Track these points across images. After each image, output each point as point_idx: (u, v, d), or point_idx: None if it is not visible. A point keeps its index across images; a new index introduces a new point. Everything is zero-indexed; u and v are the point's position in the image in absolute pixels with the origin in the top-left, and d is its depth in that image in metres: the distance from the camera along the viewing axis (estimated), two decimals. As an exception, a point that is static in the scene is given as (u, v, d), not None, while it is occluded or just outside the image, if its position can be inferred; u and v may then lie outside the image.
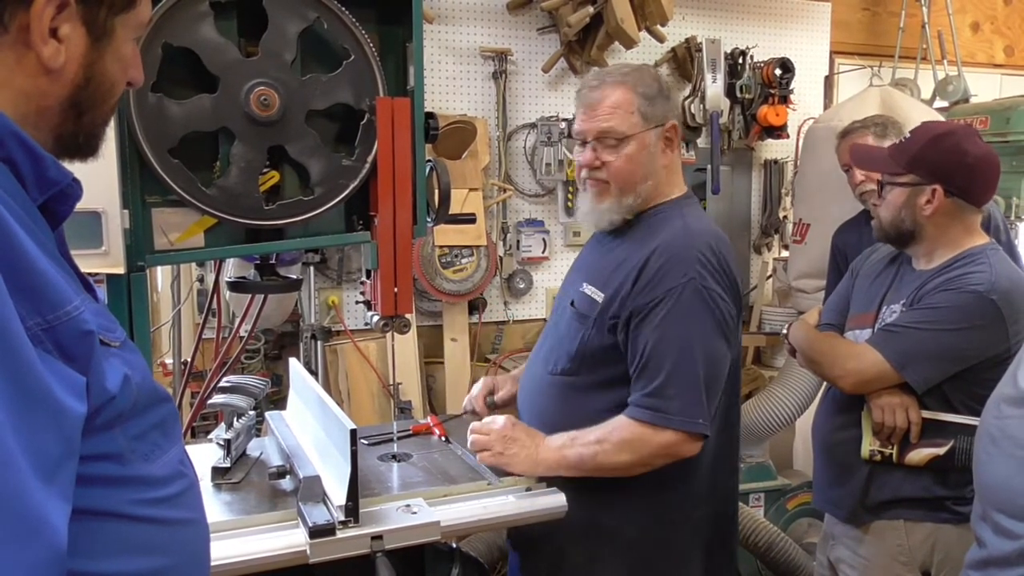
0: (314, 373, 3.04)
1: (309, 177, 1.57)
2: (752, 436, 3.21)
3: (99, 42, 0.83)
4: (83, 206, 0.92)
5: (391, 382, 3.07)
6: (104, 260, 1.43)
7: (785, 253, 3.80)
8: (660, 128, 1.77)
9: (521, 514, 1.62)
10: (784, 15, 3.82)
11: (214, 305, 2.31)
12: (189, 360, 2.57)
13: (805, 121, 3.67)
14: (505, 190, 3.41)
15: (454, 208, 1.72)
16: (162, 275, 2.96)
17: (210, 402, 1.85)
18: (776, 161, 3.85)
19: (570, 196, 3.41)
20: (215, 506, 1.53)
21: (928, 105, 3.60)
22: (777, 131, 3.66)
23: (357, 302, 2.47)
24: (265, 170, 1.55)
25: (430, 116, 1.63)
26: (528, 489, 1.66)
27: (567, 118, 3.35)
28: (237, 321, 2.51)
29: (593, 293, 1.76)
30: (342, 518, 1.41)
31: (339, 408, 1.58)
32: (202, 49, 1.46)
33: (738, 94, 3.61)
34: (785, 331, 2.23)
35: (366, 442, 1.87)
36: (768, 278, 3.88)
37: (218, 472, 1.65)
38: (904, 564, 1.96)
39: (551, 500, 1.63)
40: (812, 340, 2.12)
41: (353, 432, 1.42)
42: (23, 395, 0.67)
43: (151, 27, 1.40)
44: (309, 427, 1.78)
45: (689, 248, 1.69)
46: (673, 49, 3.61)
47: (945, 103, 3.76)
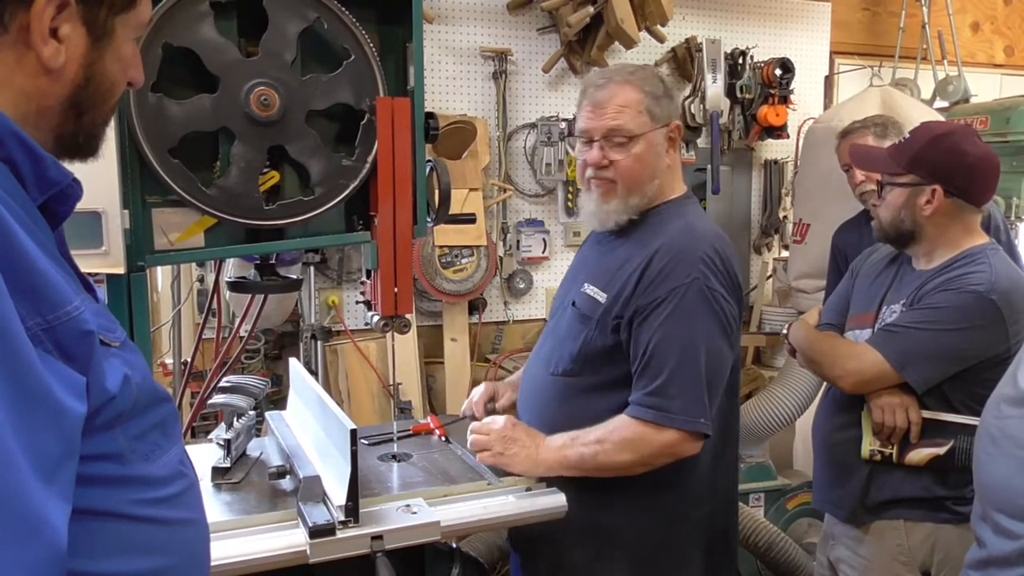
0: (314, 373, 3.04)
1: (309, 177, 1.57)
2: (752, 436, 3.21)
3: (99, 42, 0.84)
4: (83, 206, 0.92)
5: (391, 382, 3.07)
6: (104, 260, 1.43)
7: (785, 253, 3.80)
8: (665, 128, 1.77)
9: (521, 514, 1.62)
10: (784, 15, 3.82)
11: (214, 305, 2.31)
12: (189, 360, 2.57)
13: (805, 121, 3.67)
14: (505, 190, 3.41)
15: (454, 208, 1.71)
16: (162, 275, 2.96)
17: (210, 402, 1.85)
18: (776, 161, 3.85)
19: (570, 196, 3.41)
20: (215, 506, 1.53)
21: (928, 105, 3.60)
22: (777, 131, 3.66)
23: (357, 302, 2.47)
24: (265, 170, 1.55)
25: (430, 116, 1.63)
26: (528, 489, 1.66)
27: (567, 118, 3.34)
28: (237, 321, 2.51)
29: (595, 293, 1.76)
30: (342, 518, 1.41)
31: (339, 408, 1.58)
32: (202, 49, 1.46)
33: (738, 94, 3.61)
34: (785, 331, 2.23)
35: (366, 442, 1.87)
36: (768, 278, 3.87)
37: (218, 472, 1.65)
38: (904, 564, 1.96)
39: (551, 500, 1.64)
40: (812, 340, 2.12)
41: (353, 432, 1.42)
42: (23, 395, 0.68)
43: (151, 27, 1.40)
44: (309, 427, 1.78)
45: (693, 248, 1.69)
46: (673, 49, 3.60)
47: (945, 103, 3.76)
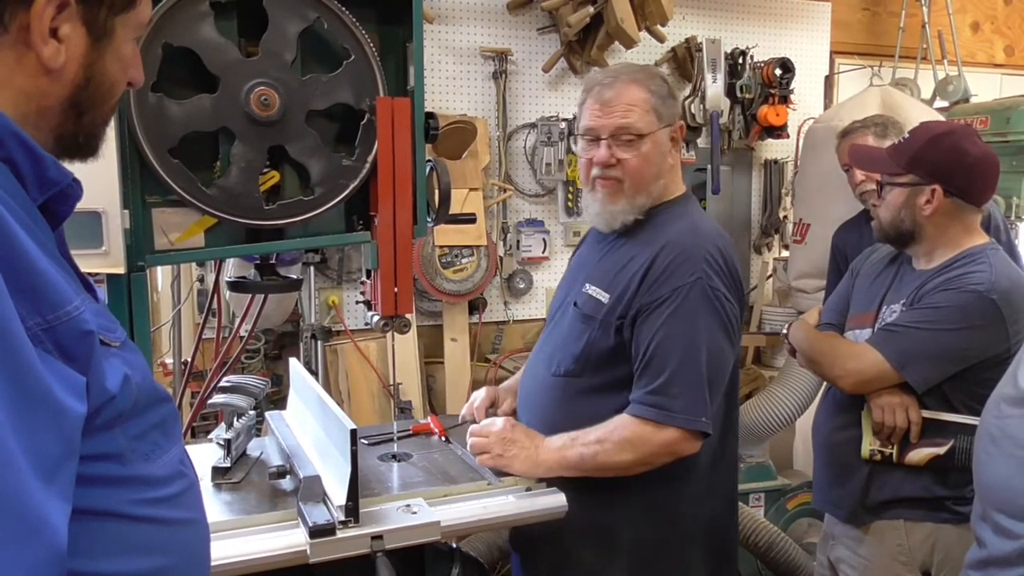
0: (314, 373, 3.04)
1: (309, 177, 1.57)
2: (752, 436, 3.21)
3: (99, 42, 0.84)
4: (83, 206, 0.92)
5: (391, 382, 3.07)
6: (104, 260, 1.43)
7: (785, 253, 3.80)
8: (669, 128, 1.78)
9: (521, 514, 1.62)
10: (784, 15, 3.82)
11: (214, 305, 2.31)
12: (189, 360, 2.57)
13: (805, 121, 3.67)
14: (505, 190, 3.40)
15: (454, 208, 1.71)
16: (162, 275, 2.96)
17: (210, 402, 1.86)
18: (776, 161, 3.85)
19: (570, 196, 3.41)
20: (215, 506, 1.53)
21: (928, 105, 3.60)
22: (777, 131, 3.66)
23: (357, 302, 2.47)
24: (265, 170, 1.55)
25: (430, 116, 1.62)
26: (528, 489, 1.66)
27: (567, 118, 3.34)
28: (237, 321, 2.51)
29: (597, 294, 1.76)
30: (342, 518, 1.41)
31: (339, 408, 1.58)
32: (202, 49, 1.46)
33: (738, 94, 3.60)
34: (785, 331, 2.23)
35: (366, 442, 1.87)
36: (768, 278, 3.87)
37: (218, 472, 1.65)
38: (904, 564, 1.96)
39: (551, 500, 1.64)
40: (812, 340, 2.12)
41: (353, 432, 1.42)
42: (23, 395, 0.68)
43: (151, 27, 1.40)
44: (309, 427, 1.78)
45: (697, 248, 1.69)
46: (673, 49, 3.60)
47: (945, 103, 3.76)
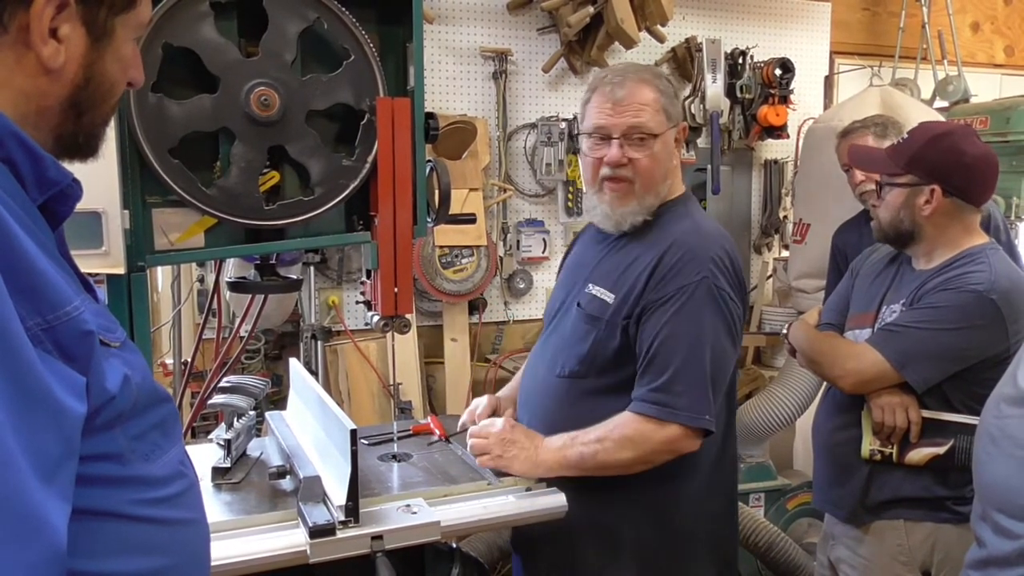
0: (314, 373, 3.04)
1: (309, 177, 1.57)
2: (752, 436, 3.21)
3: (99, 42, 0.84)
4: (83, 206, 0.92)
5: (391, 382, 3.07)
6: (104, 260, 1.43)
7: (785, 253, 3.80)
8: (675, 128, 1.78)
9: (521, 514, 1.62)
10: (784, 15, 3.82)
11: (214, 305, 2.31)
12: (189, 360, 2.57)
13: (805, 121, 3.67)
14: (505, 190, 3.41)
15: (454, 208, 1.71)
16: (162, 275, 2.96)
17: (210, 402, 1.86)
18: (776, 161, 3.85)
19: (570, 196, 3.40)
20: (215, 506, 1.53)
21: (928, 105, 3.60)
22: (777, 131, 3.66)
23: (357, 302, 2.47)
24: (265, 170, 1.55)
25: (430, 116, 1.62)
26: (528, 489, 1.66)
27: (567, 118, 3.35)
28: (237, 321, 2.51)
29: (601, 294, 1.75)
30: (342, 518, 1.41)
31: (339, 408, 1.58)
32: (202, 49, 1.46)
33: (738, 94, 3.61)
34: (785, 331, 2.23)
35: (366, 442, 1.87)
36: (768, 278, 3.87)
37: (218, 472, 1.65)
38: (904, 564, 1.96)
39: (551, 500, 1.64)
40: (812, 340, 2.12)
41: (353, 432, 1.42)
42: (23, 395, 0.68)
43: (151, 27, 1.40)
44: (309, 427, 1.78)
45: (704, 247, 1.69)
46: (673, 49, 3.61)
47: (945, 103, 3.76)
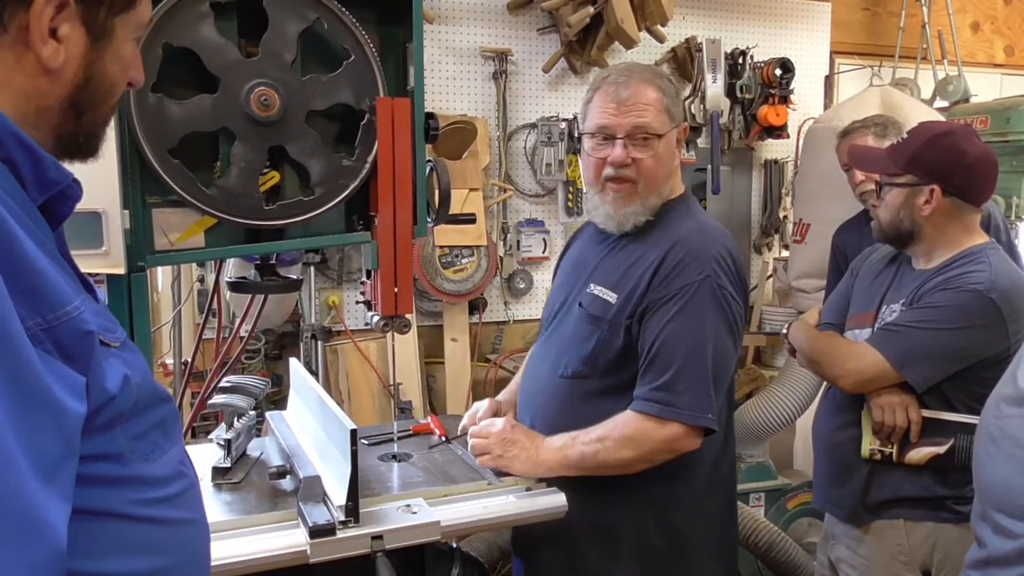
0: (314, 373, 3.04)
1: (309, 177, 1.56)
2: (752, 436, 3.21)
3: (99, 42, 0.84)
4: (83, 206, 0.92)
5: (391, 382, 3.07)
6: (104, 260, 1.43)
7: (785, 253, 3.80)
8: (677, 128, 1.79)
9: (521, 514, 1.62)
10: (784, 15, 3.82)
11: (214, 305, 2.31)
12: (189, 360, 2.57)
13: (805, 121, 3.67)
14: (505, 190, 3.41)
15: (454, 208, 1.71)
16: (162, 275, 2.96)
17: (210, 402, 1.85)
18: (776, 161, 3.85)
19: (570, 196, 3.40)
20: (215, 506, 1.53)
21: (928, 105, 3.60)
22: (777, 131, 3.66)
23: (357, 302, 2.47)
24: (265, 170, 1.55)
25: (430, 116, 1.62)
26: (528, 489, 1.66)
27: (567, 118, 3.35)
28: (237, 321, 2.51)
29: (603, 294, 1.75)
30: (342, 518, 1.41)
31: (339, 408, 1.58)
32: (202, 49, 1.46)
33: (738, 94, 3.60)
34: (785, 331, 2.23)
35: (366, 442, 1.87)
36: (768, 278, 3.87)
37: (218, 472, 1.65)
38: (904, 564, 1.96)
39: (551, 500, 1.64)
40: (812, 340, 2.12)
41: (353, 432, 1.42)
42: (23, 395, 0.68)
43: (151, 27, 1.40)
44: (309, 427, 1.78)
45: (707, 246, 1.69)
46: (673, 49, 3.61)
47: (945, 103, 3.76)
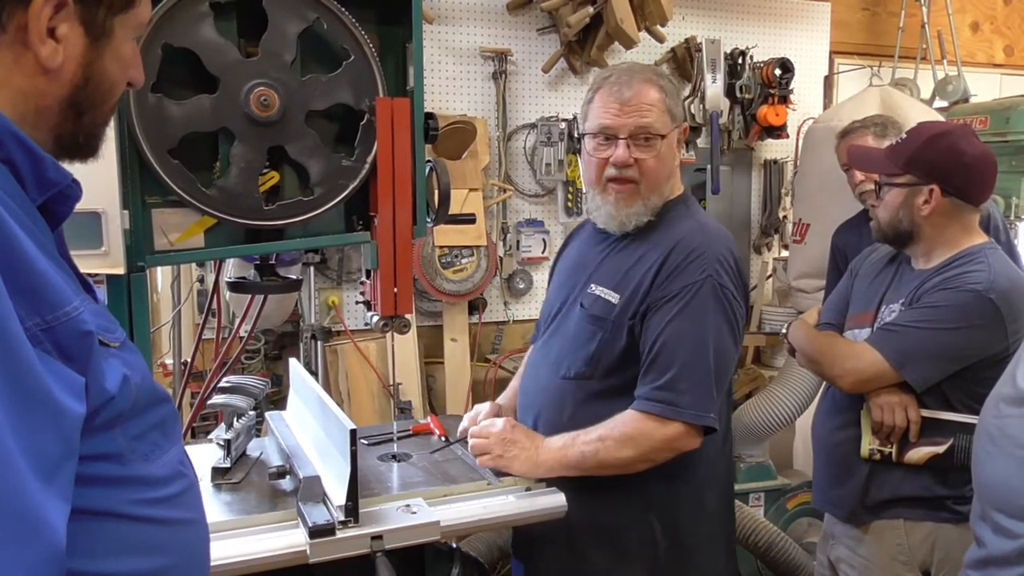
0: (314, 373, 3.04)
1: (309, 177, 1.57)
2: (752, 436, 3.21)
3: (98, 42, 0.84)
4: (83, 206, 0.92)
5: (391, 382, 3.07)
6: (104, 260, 1.43)
7: (785, 253, 3.80)
8: (678, 128, 1.79)
9: (521, 514, 1.62)
10: (784, 15, 3.82)
11: (214, 305, 2.31)
12: (189, 360, 2.57)
13: (805, 121, 3.67)
14: (505, 190, 3.41)
15: (454, 208, 1.72)
16: (162, 275, 2.96)
17: (210, 402, 1.85)
18: (776, 161, 3.85)
19: (570, 196, 3.40)
20: (215, 506, 1.53)
21: (928, 105, 3.60)
22: (777, 131, 3.66)
23: (357, 302, 2.47)
24: (265, 170, 1.55)
25: (430, 116, 1.63)
26: (528, 489, 1.66)
27: (567, 118, 3.35)
28: (237, 321, 2.51)
29: (605, 294, 1.75)
30: (342, 518, 1.41)
31: (339, 408, 1.58)
32: (202, 49, 1.46)
33: (738, 94, 3.60)
34: (785, 331, 2.23)
35: (366, 442, 1.87)
36: (768, 278, 3.87)
37: (218, 472, 1.65)
38: (904, 563, 1.96)
39: (551, 500, 1.64)
40: (811, 340, 2.12)
41: (353, 432, 1.42)
42: (22, 395, 0.68)
43: (151, 27, 1.40)
44: (309, 427, 1.78)
45: (709, 246, 1.70)
46: (673, 49, 3.61)
47: (945, 103, 3.76)
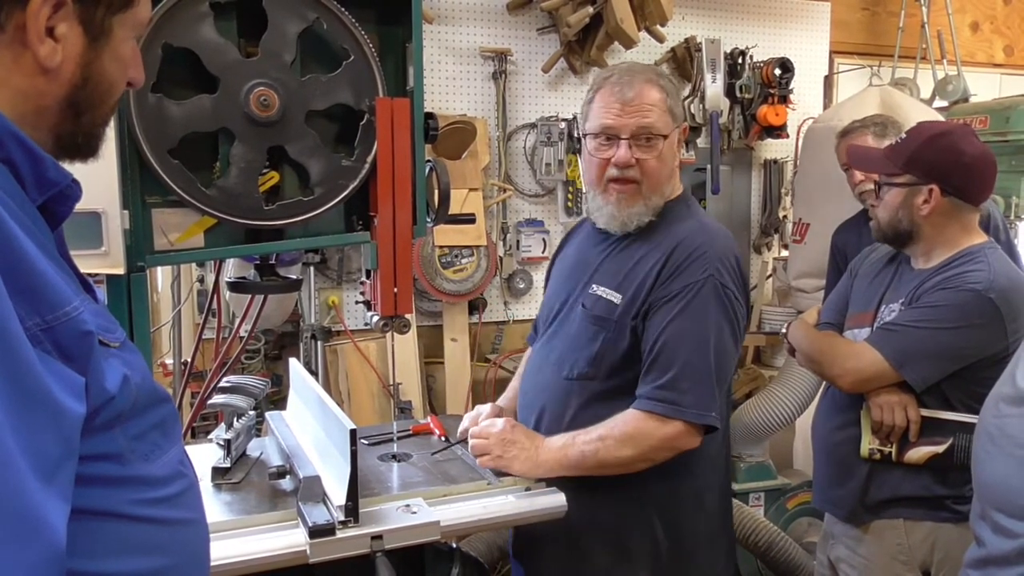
0: (314, 373, 3.04)
1: (309, 177, 1.57)
2: (752, 436, 3.21)
3: (96, 42, 0.83)
4: (83, 206, 0.92)
5: (391, 382, 3.07)
6: (104, 260, 1.43)
7: (785, 253, 3.80)
8: (679, 128, 1.79)
9: (521, 514, 1.62)
10: (784, 15, 3.82)
11: (214, 305, 2.31)
12: (189, 360, 2.57)
13: (805, 121, 3.67)
14: (505, 190, 3.41)
15: (454, 208, 1.72)
16: (162, 275, 2.96)
17: (210, 402, 1.85)
18: (776, 161, 3.85)
19: (570, 196, 3.40)
20: (215, 506, 1.53)
21: (928, 105, 3.60)
22: (777, 131, 3.66)
23: (357, 302, 2.47)
24: (265, 170, 1.55)
25: (430, 116, 1.62)
26: (527, 489, 1.66)
27: (567, 118, 3.35)
28: (237, 321, 2.51)
29: (607, 295, 1.75)
30: (342, 518, 1.41)
31: (339, 408, 1.58)
32: (202, 49, 1.46)
33: (738, 94, 3.61)
34: (784, 330, 2.23)
35: (366, 442, 1.87)
36: (768, 278, 3.87)
37: (218, 472, 1.65)
38: (904, 563, 1.96)
39: (551, 500, 1.64)
40: (811, 339, 2.12)
41: (353, 432, 1.42)
42: (22, 395, 0.68)
43: (151, 27, 1.40)
44: (309, 427, 1.78)
45: (710, 246, 1.70)
46: (673, 49, 3.61)
47: (945, 103, 3.76)
